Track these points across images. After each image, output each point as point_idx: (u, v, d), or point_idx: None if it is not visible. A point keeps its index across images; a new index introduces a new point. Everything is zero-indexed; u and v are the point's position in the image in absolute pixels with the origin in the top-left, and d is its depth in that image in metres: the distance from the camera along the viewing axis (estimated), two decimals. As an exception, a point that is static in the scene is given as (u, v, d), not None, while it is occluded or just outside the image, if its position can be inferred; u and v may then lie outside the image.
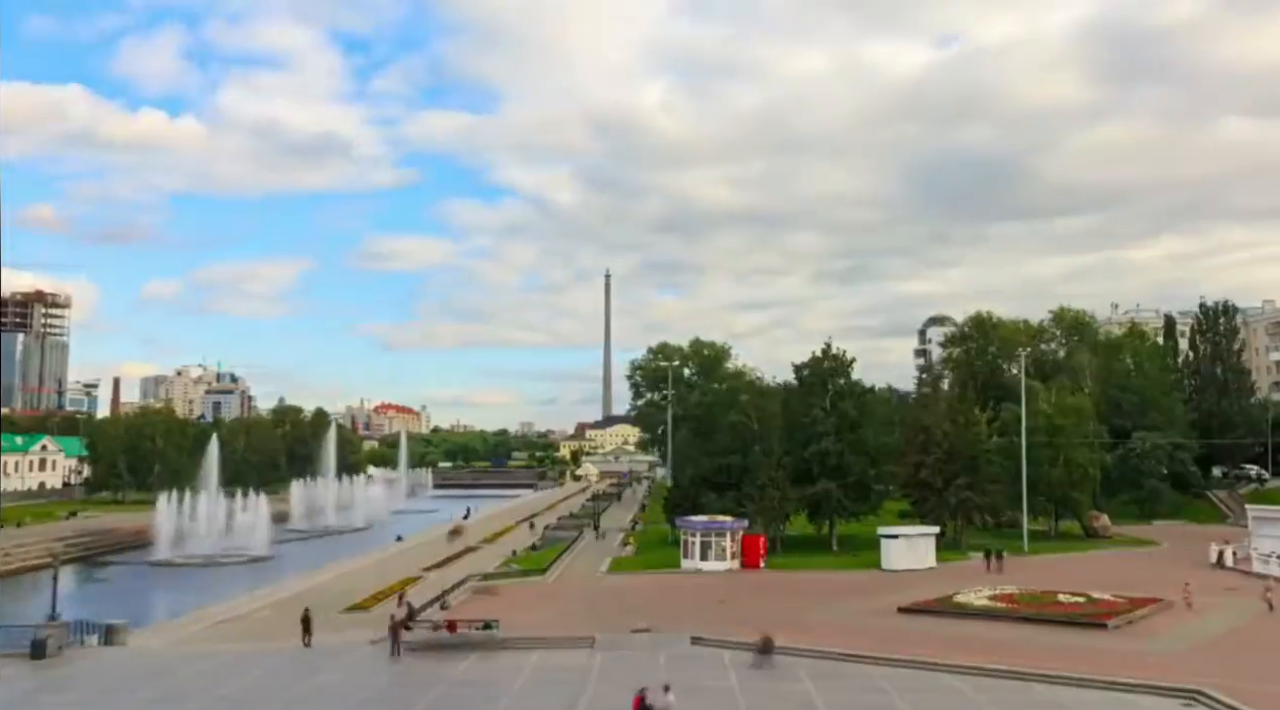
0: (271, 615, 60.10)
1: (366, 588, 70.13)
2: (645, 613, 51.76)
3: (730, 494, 73.84)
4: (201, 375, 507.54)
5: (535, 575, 66.62)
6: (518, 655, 42.79)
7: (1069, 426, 79.07)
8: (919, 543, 65.97)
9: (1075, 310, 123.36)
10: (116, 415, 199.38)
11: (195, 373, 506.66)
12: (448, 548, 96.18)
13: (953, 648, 41.02)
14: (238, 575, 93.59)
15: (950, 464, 74.52)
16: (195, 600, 73.61)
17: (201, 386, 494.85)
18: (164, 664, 43.26)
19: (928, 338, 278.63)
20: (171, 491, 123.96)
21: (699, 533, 66.93)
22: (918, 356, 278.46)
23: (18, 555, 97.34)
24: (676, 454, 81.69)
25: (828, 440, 72.61)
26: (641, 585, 62.91)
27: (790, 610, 52.09)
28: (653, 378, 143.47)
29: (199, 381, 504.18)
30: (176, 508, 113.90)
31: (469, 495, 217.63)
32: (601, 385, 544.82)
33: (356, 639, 48.59)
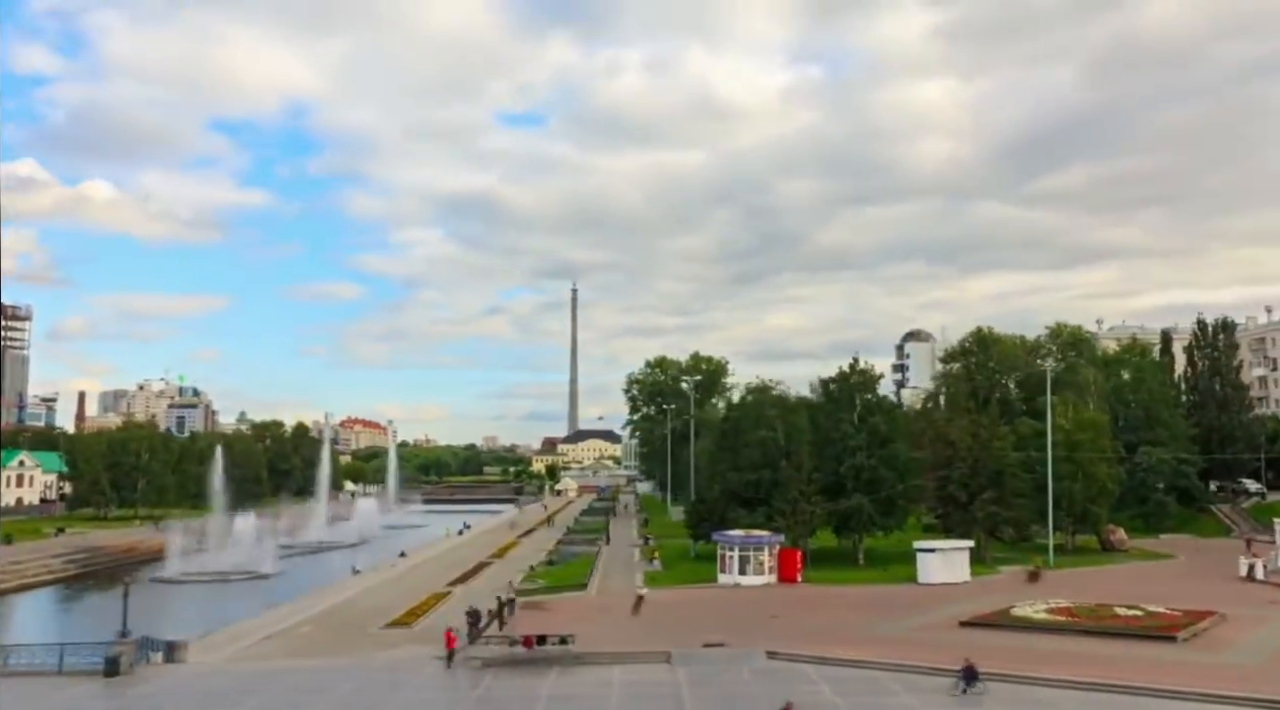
0: (313, 631, 59.50)
1: (397, 603, 69.64)
2: (699, 627, 51.82)
3: (761, 509, 73.97)
4: (164, 390, 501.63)
5: (574, 590, 66.40)
6: (598, 670, 42.72)
7: (1087, 441, 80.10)
8: (954, 557, 66.54)
9: (1072, 326, 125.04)
10: (99, 430, 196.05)
11: (157, 387, 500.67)
12: (463, 563, 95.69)
13: (1033, 661, 41.37)
14: (249, 592, 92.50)
15: (974, 478, 75.25)
16: (219, 617, 72.78)
17: (164, 401, 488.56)
18: (241, 681, 42.74)
19: (906, 353, 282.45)
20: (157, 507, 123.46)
21: (737, 547, 67.07)
22: (895, 371, 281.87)
23: (15, 572, 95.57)
24: (701, 468, 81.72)
25: (860, 455, 73.08)
26: (684, 599, 62.91)
27: (847, 624, 52.42)
28: (650, 392, 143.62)
29: (161, 396, 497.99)
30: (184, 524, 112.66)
31: (452, 510, 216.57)
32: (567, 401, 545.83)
33: (419, 654, 48.33)
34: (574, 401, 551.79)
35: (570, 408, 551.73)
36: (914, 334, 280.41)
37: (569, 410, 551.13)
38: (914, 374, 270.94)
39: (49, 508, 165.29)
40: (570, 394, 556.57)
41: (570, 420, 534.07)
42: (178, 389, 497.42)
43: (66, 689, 40.63)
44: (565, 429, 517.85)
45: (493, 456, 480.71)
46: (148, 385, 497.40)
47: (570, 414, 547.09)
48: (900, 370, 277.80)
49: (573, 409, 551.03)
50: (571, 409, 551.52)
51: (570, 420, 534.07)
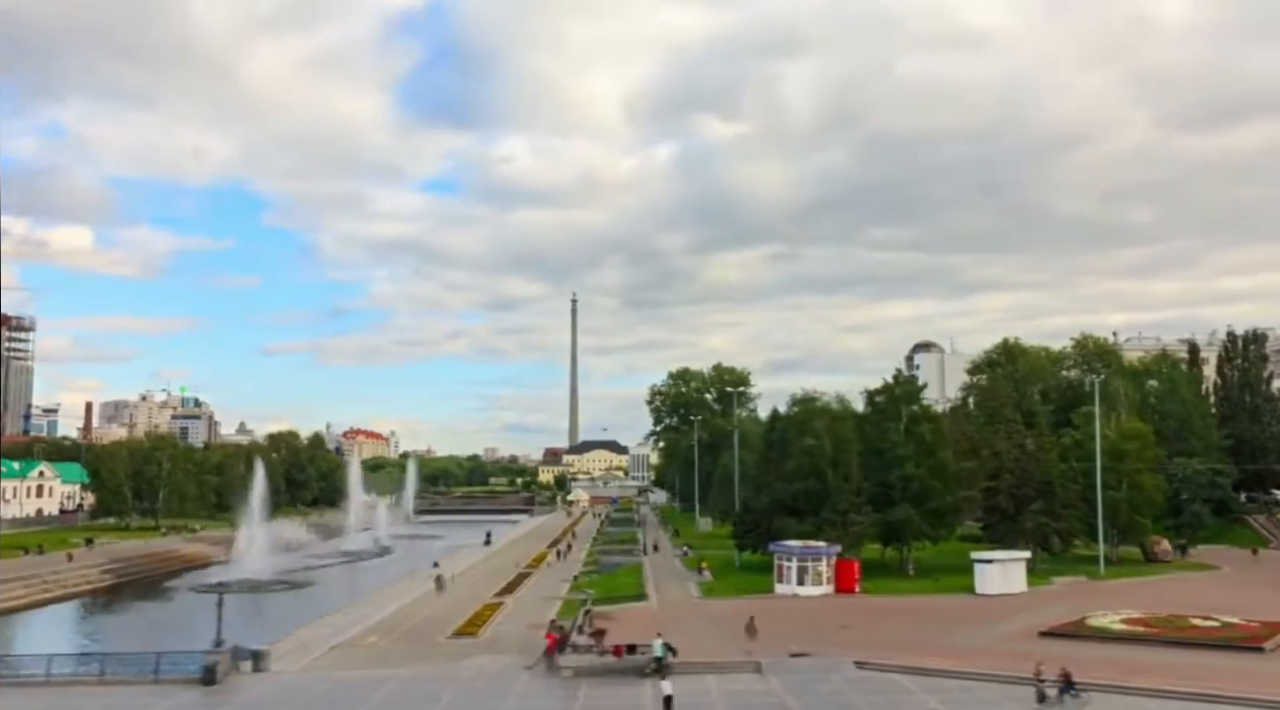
0: (380, 641, 59.87)
1: (451, 614, 69.95)
2: (772, 637, 52.17)
3: (810, 519, 74.29)
4: (166, 401, 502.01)
5: (634, 600, 66.65)
6: (691, 679, 42.98)
7: (1133, 452, 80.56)
8: (1011, 567, 66.96)
9: (1098, 337, 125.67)
10: (120, 441, 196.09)
11: (159, 398, 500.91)
12: (501, 573, 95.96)
13: (1125, 671, 41.66)
14: (292, 601, 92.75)
15: (1021, 489, 75.69)
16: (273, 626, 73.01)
17: (167, 411, 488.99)
18: (339, 690, 43.02)
19: (915, 364, 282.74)
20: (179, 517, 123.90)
21: (795, 557, 67.41)
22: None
23: (56, 582, 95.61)
24: (745, 478, 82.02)
25: (909, 465, 73.49)
26: (746, 609, 62.77)
27: (921, 635, 52.69)
28: (673, 403, 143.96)
29: (164, 406, 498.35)
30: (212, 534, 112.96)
31: (467, 520, 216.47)
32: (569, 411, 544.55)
33: (503, 663, 48.64)
34: (574, 412, 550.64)
35: (570, 418, 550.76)
36: (923, 345, 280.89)
37: (569, 420, 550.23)
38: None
39: (69, 518, 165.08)
40: (570, 405, 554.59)
41: (570, 431, 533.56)
42: (180, 400, 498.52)
43: (167, 697, 40.85)
44: (565, 440, 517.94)
45: (497, 467, 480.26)
46: (150, 396, 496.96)
47: (571, 424, 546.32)
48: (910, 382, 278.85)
49: (573, 420, 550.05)
50: (572, 420, 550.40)
51: (570, 431, 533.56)
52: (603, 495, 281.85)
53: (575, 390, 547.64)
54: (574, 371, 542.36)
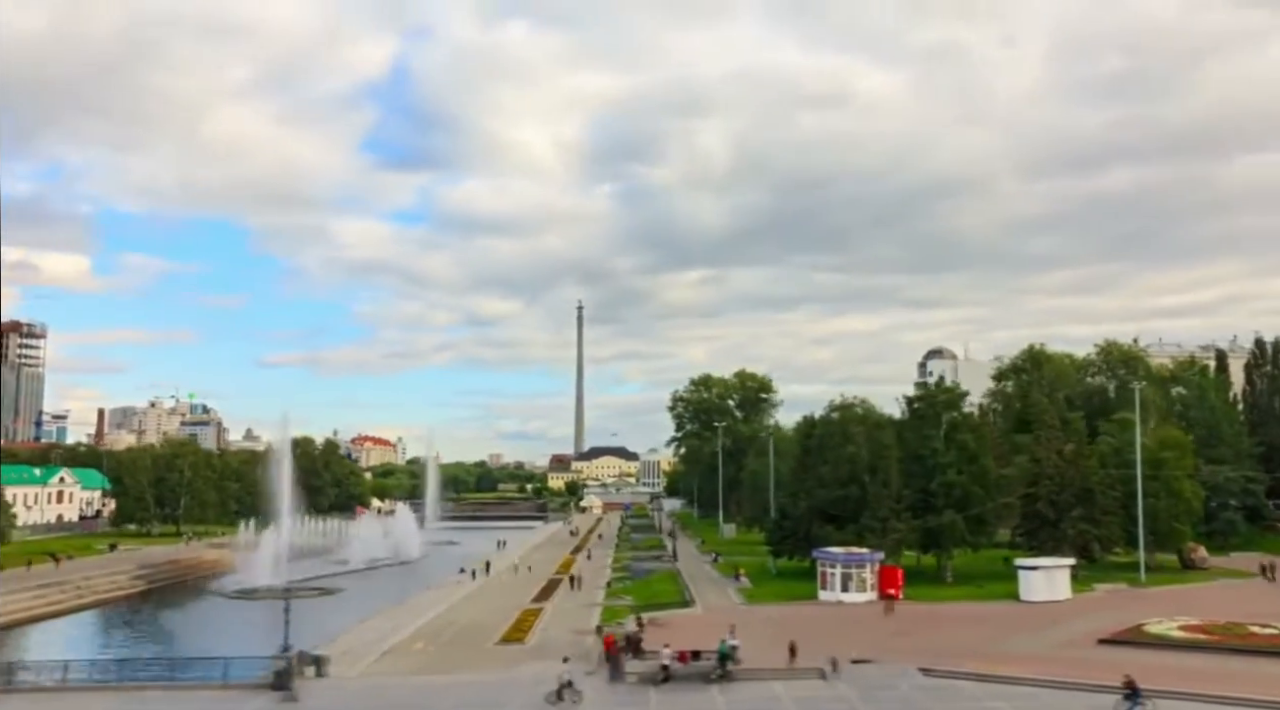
0: (429, 646, 60.11)
1: (492, 620, 70.13)
2: (826, 642, 52.06)
3: (849, 526, 74.33)
4: (175, 407, 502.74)
5: (679, 607, 66.68)
6: (758, 686, 43.11)
7: (1171, 459, 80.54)
8: (1056, 575, 66.93)
9: (1123, 345, 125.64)
10: (142, 447, 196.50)
11: (168, 404, 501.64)
12: (533, 579, 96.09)
13: (1192, 679, 41.62)
14: (325, 607, 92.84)
15: (1062, 495, 75.72)
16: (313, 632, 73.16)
17: (176, 418, 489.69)
18: (407, 696, 43.27)
19: (929, 370, 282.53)
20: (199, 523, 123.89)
21: (839, 564, 67.47)
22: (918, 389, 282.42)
23: (89, 588, 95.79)
24: (781, 485, 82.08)
25: (951, 472, 73.54)
26: (794, 615, 63.14)
27: (977, 641, 52.70)
28: (696, 409, 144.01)
29: (173, 413, 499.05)
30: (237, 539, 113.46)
31: (481, 527, 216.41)
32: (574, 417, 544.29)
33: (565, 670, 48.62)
34: (579, 419, 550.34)
35: (576, 425, 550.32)
36: (936, 352, 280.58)
37: (575, 426, 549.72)
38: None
39: (90, 524, 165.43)
40: (576, 412, 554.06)
41: (576, 437, 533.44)
42: (188, 407, 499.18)
43: (241, 703, 41.00)
44: (570, 446, 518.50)
45: (504, 473, 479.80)
46: (159, 403, 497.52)
47: (577, 430, 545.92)
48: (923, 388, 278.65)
49: (579, 426, 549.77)
50: (577, 426, 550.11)
51: (576, 437, 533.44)
52: (615, 501, 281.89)
53: (581, 397, 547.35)
54: (580, 379, 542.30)
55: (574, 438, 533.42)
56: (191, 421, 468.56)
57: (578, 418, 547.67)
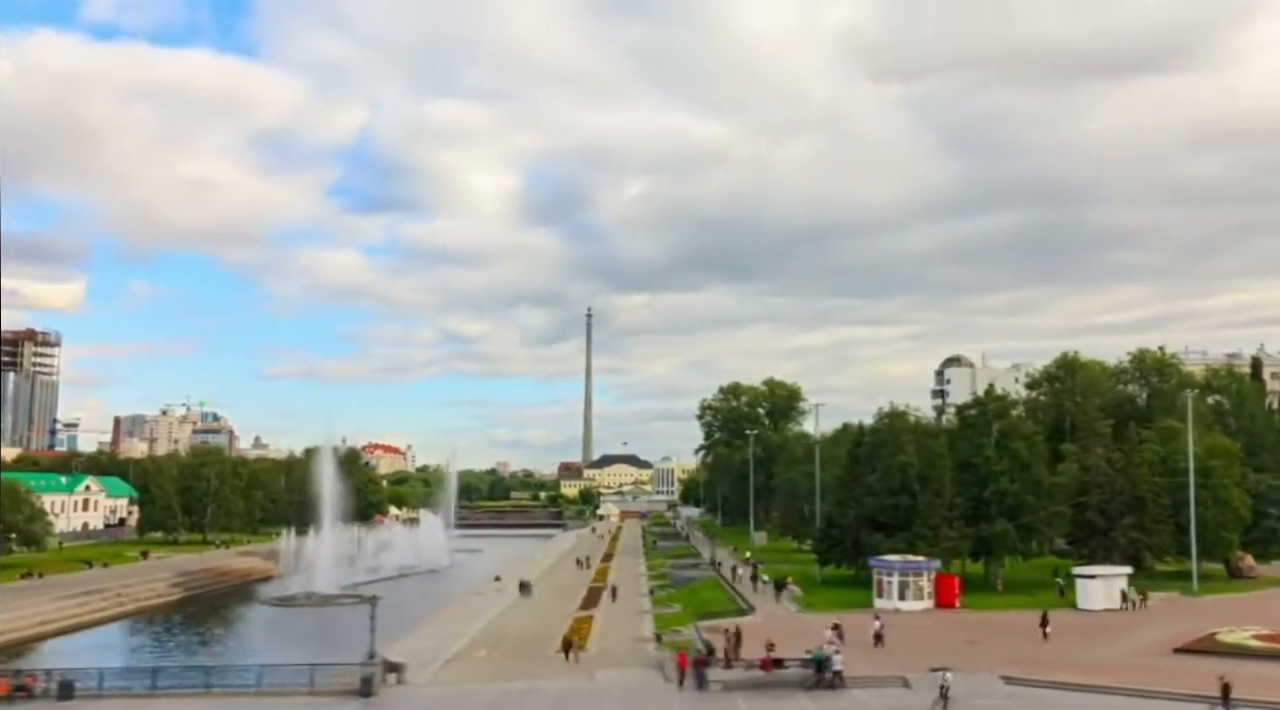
0: (491, 654, 60.14)
1: (544, 628, 70.04)
2: (898, 651, 52.25)
3: (900, 535, 74.32)
4: (186, 415, 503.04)
5: (736, 615, 66.65)
6: (845, 693, 43.11)
7: (1219, 468, 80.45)
8: (1114, 583, 66.90)
9: (1155, 352, 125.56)
10: (168, 455, 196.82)
11: (179, 412, 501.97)
12: (574, 587, 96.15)
13: (1273, 687, 41.62)
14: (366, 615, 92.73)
15: (1112, 504, 75.69)
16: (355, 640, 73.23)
17: (187, 426, 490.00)
18: (492, 703, 43.20)
19: (946, 378, 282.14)
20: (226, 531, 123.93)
21: (896, 572, 67.48)
22: (935, 397, 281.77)
23: (130, 596, 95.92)
24: (828, 493, 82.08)
25: (1004, 480, 73.55)
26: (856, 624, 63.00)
27: (1049, 650, 52.68)
28: (725, 417, 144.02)
29: (184, 421, 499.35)
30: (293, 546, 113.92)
31: (501, 535, 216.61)
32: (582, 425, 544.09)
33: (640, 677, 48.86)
34: (588, 425, 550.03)
35: (585, 431, 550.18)
36: (954, 359, 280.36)
37: (583, 434, 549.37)
38: (955, 398, 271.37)
39: (115, 532, 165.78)
40: (585, 420, 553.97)
41: (585, 444, 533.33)
42: (199, 415, 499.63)
43: (330, 709, 41.10)
44: (577, 454, 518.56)
45: (516, 481, 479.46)
46: (170, 411, 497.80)
47: (585, 438, 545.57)
48: (940, 395, 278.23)
49: (587, 433, 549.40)
50: (586, 433, 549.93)
51: (585, 444, 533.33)
52: (632, 509, 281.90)
53: (590, 404, 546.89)
54: (588, 387, 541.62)
55: (582, 446, 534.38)
56: (203, 429, 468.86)
57: (586, 425, 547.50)
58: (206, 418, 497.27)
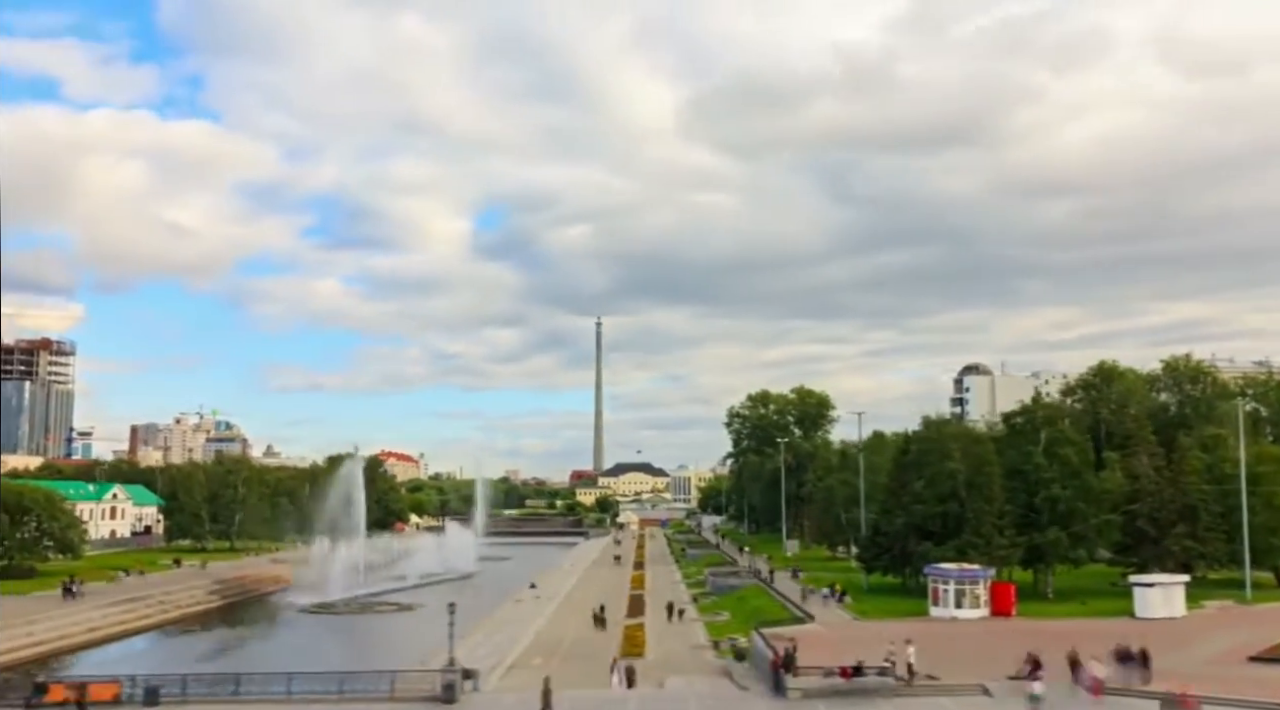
0: (548, 661, 60.12)
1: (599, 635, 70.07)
2: (965, 660, 52.00)
3: (950, 542, 74.06)
4: (199, 424, 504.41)
5: (793, 623, 66.46)
6: (923, 701, 42.98)
7: (1267, 475, 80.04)
8: (1172, 591, 66.56)
9: (1189, 359, 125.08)
10: (195, 463, 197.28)
11: (193, 421, 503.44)
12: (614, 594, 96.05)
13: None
14: (407, 622, 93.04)
15: (1163, 512, 75.38)
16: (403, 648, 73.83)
17: (200, 435, 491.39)
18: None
19: (965, 386, 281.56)
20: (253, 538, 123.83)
21: (953, 580, 67.23)
22: (954, 405, 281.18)
23: (172, 603, 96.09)
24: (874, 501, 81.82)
25: (1055, 487, 73.32)
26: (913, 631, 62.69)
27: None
28: (753, 425, 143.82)
29: (198, 430, 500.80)
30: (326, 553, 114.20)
31: (525, 542, 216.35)
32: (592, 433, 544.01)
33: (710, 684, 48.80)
34: (599, 433, 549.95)
35: (596, 439, 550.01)
36: (973, 367, 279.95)
37: (594, 442, 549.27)
38: (974, 407, 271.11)
39: (143, 540, 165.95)
40: (595, 428, 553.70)
41: (596, 452, 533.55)
42: (213, 423, 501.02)
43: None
44: (581, 462, 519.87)
45: (530, 489, 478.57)
46: (184, 420, 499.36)
47: (596, 446, 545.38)
48: (959, 404, 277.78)
49: (598, 441, 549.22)
50: (597, 441, 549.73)
51: (596, 452, 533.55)
52: (652, 517, 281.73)
53: (600, 413, 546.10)
54: (598, 396, 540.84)
55: (593, 454, 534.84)
56: (217, 438, 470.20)
57: (597, 434, 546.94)
58: (220, 426, 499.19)
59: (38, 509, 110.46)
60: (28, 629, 75.54)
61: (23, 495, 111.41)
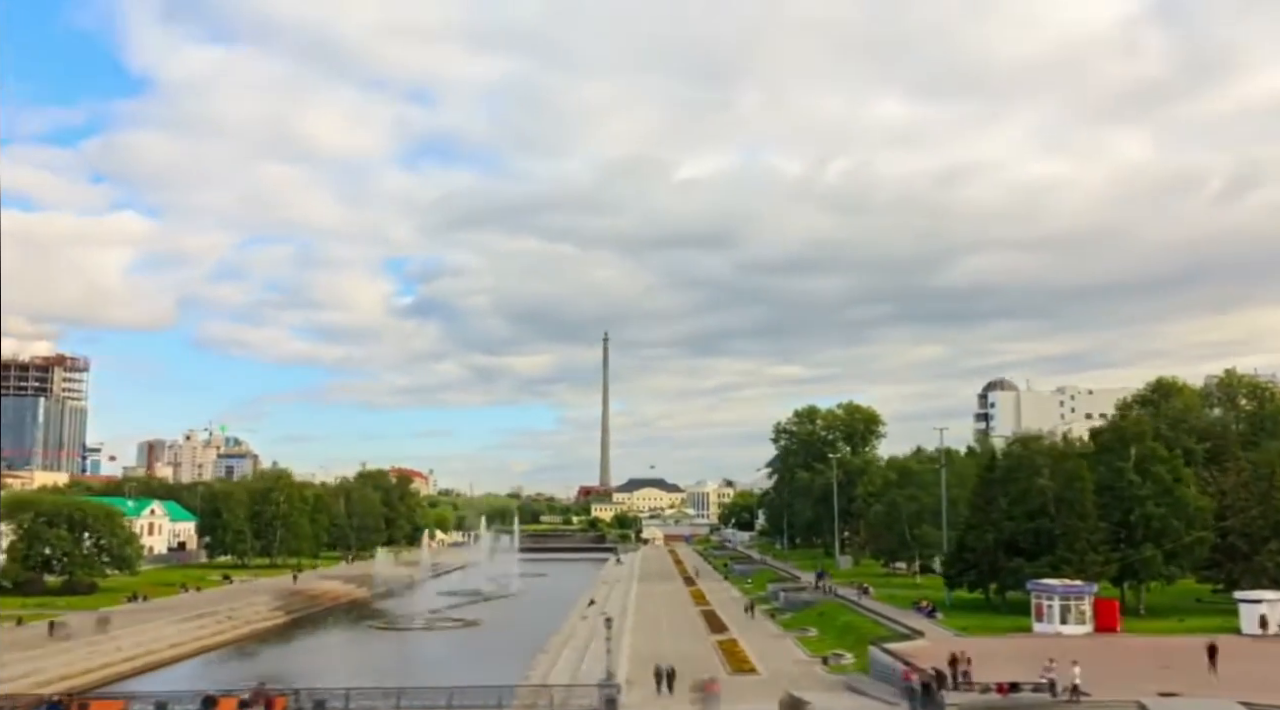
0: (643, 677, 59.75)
1: (698, 650, 69.75)
2: (1096, 676, 51.77)
3: (1043, 558, 73.91)
4: (209, 440, 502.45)
5: (901, 640, 66.15)
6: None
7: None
8: (1278, 607, 66.44)
9: (1242, 375, 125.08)
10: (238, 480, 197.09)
11: (202, 437, 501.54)
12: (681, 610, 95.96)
13: None
14: (480, 640, 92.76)
15: (1256, 527, 75.26)
16: (487, 665, 73.86)
17: (211, 451, 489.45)
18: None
19: (990, 402, 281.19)
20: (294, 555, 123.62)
21: (1057, 596, 67.07)
22: (978, 420, 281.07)
23: (242, 619, 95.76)
24: (971, 517, 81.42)
25: (1150, 504, 73.19)
26: (1021, 647, 62.53)
27: (1251, 675, 52.12)
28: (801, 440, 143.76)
29: (208, 446, 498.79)
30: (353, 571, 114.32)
31: (555, 559, 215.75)
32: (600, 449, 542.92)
33: (860, 702, 48.56)
34: (605, 452, 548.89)
35: (602, 455, 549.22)
36: (997, 383, 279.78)
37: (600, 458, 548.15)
38: (999, 423, 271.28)
39: (181, 556, 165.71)
40: (602, 444, 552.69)
41: (602, 468, 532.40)
42: (223, 439, 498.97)
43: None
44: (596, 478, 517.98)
45: (543, 505, 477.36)
46: (193, 436, 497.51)
47: (602, 462, 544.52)
48: (984, 419, 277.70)
49: (604, 457, 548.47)
50: (603, 457, 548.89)
51: (602, 468, 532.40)
52: (675, 533, 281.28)
53: (606, 429, 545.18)
54: (605, 411, 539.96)
55: (600, 469, 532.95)
56: (227, 454, 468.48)
57: (603, 450, 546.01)
58: (229, 442, 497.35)
59: (98, 525, 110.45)
60: (115, 644, 75.44)
61: (84, 511, 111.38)
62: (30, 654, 67.55)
